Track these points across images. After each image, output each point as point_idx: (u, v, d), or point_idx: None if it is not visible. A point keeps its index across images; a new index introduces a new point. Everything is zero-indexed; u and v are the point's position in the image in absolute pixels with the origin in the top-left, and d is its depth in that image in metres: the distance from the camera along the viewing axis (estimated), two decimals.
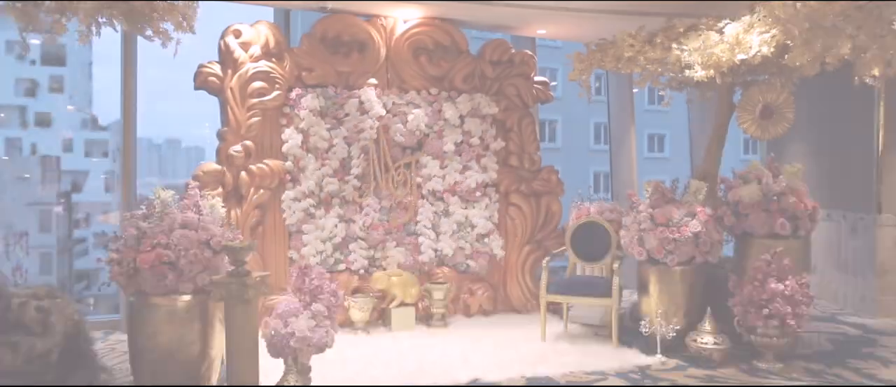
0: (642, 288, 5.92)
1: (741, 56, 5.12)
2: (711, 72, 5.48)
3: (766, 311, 5.23)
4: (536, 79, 7.29)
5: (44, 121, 30.73)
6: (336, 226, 6.41)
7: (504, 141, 7.05)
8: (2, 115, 30.38)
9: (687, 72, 5.52)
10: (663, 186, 5.92)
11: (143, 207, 4.54)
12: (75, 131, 31.29)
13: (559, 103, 25.65)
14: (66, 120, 31.40)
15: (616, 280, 5.84)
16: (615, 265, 5.87)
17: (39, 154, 29.21)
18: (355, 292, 6.44)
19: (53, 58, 30.94)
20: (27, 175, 26.59)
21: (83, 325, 4.49)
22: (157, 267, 4.13)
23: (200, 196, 4.92)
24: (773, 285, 5.22)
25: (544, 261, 6.16)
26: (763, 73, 6.23)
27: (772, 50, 5.22)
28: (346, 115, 6.52)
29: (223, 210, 5.03)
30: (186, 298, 4.26)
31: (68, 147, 30.41)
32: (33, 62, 30.59)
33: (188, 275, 4.21)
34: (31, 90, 30.45)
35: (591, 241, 6.39)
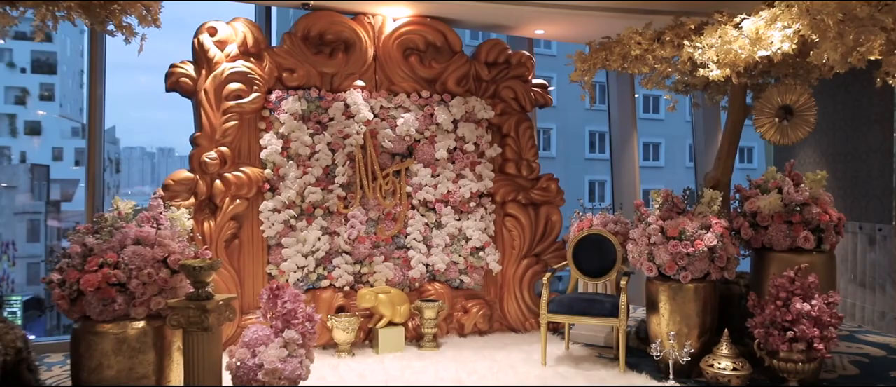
0: (651, 306, 5.36)
1: (763, 53, 4.59)
2: (727, 71, 4.95)
3: (790, 333, 4.68)
4: (535, 81, 6.76)
5: (34, 129, 30.06)
6: (319, 239, 5.85)
7: (500, 147, 6.51)
8: None
9: (701, 71, 4.99)
10: (674, 196, 5.38)
11: (96, 220, 3.97)
12: (66, 140, 30.61)
13: (554, 112, 25.25)
14: (56, 128, 30.74)
15: (624, 299, 5.28)
16: (623, 282, 5.32)
17: (29, 163, 28.53)
18: (339, 310, 5.87)
19: (44, 66, 30.33)
20: (15, 185, 25.91)
21: (26, 352, 3.91)
22: (103, 289, 3.56)
23: (164, 207, 4.36)
24: (798, 305, 4.68)
25: (545, 277, 5.60)
26: (778, 73, 5.73)
27: (794, 46, 4.70)
28: (331, 119, 5.97)
29: (189, 222, 4.47)
30: (138, 324, 3.70)
31: (58, 156, 29.73)
32: (24, 70, 29.96)
33: (141, 298, 3.64)
34: (22, 98, 29.79)
35: (595, 255, 5.84)
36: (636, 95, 6.85)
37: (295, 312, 3.71)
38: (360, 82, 6.08)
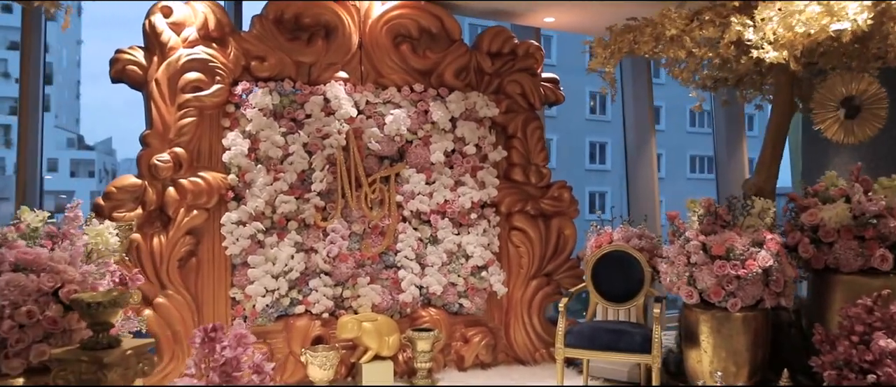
0: (689, 339, 4.34)
1: (838, 26, 3.58)
2: (785, 53, 3.95)
3: (871, 377, 3.65)
4: (545, 76, 5.75)
5: None
6: (292, 257, 4.81)
7: (506, 150, 5.48)
8: None
9: (755, 53, 3.98)
10: (717, 207, 4.36)
11: None
12: (61, 151, 29.54)
13: (553, 122, 24.22)
14: (51, 139, 29.69)
15: (657, 330, 4.25)
16: (656, 310, 4.28)
17: None
18: (316, 342, 4.83)
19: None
20: (6, 196, 24.81)
21: None
22: None
23: (84, 221, 3.35)
24: (881, 343, 3.65)
25: (561, 303, 4.56)
26: (831, 63, 4.73)
27: (869, 22, 3.71)
28: (308, 116, 4.96)
29: (115, 240, 3.44)
30: (17, 384, 2.64)
31: (53, 167, 28.64)
32: (18, 81, 28.91)
33: (15, 347, 2.60)
34: (16, 109, 28.72)
35: (618, 275, 4.81)
36: (674, 78, 5.80)
37: (237, 362, 2.69)
38: (342, 74, 5.07)
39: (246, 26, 5.05)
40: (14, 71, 28.64)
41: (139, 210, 4.54)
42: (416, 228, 5.19)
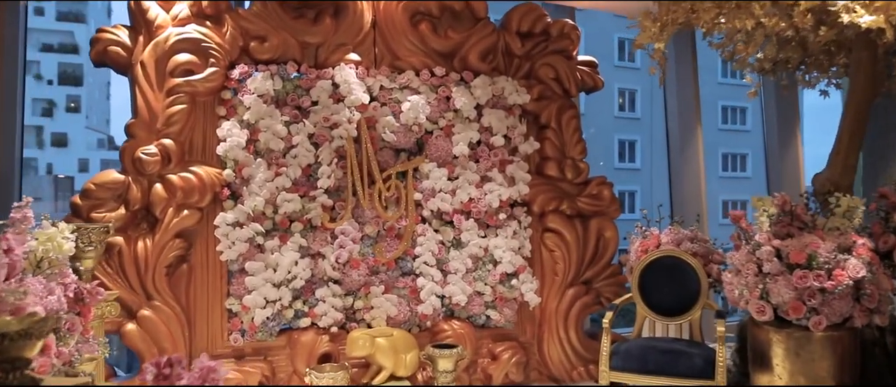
0: (760, 362, 3.59)
1: None
2: (881, 18, 3.18)
3: None
4: (581, 59, 5.03)
5: (60, 141, 28.98)
6: (296, 263, 4.17)
7: (538, 142, 4.78)
8: None
9: (846, 18, 3.23)
10: (794, 205, 3.61)
11: None
12: (92, 151, 29.49)
13: (582, 119, 23.25)
14: (82, 140, 29.67)
15: (721, 351, 3.52)
16: (720, 328, 3.54)
17: (54, 174, 27.42)
18: (324, 359, 4.18)
19: (71, 78, 29.34)
20: (39, 196, 24.77)
21: None
22: None
23: (36, 223, 2.74)
24: None
25: (605, 319, 3.85)
26: None
27: None
28: (314, 103, 4.32)
29: (69, 245, 2.81)
30: None
31: (84, 167, 28.56)
32: (51, 82, 28.99)
33: None
34: (49, 110, 28.77)
35: (670, 285, 4.09)
36: (728, 60, 5.03)
37: None
38: (353, 56, 4.42)
39: (245, 3, 4.43)
40: (46, 73, 28.69)
41: (122, 210, 3.95)
42: (437, 230, 4.51)
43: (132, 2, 4.11)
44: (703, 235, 4.53)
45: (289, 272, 4.15)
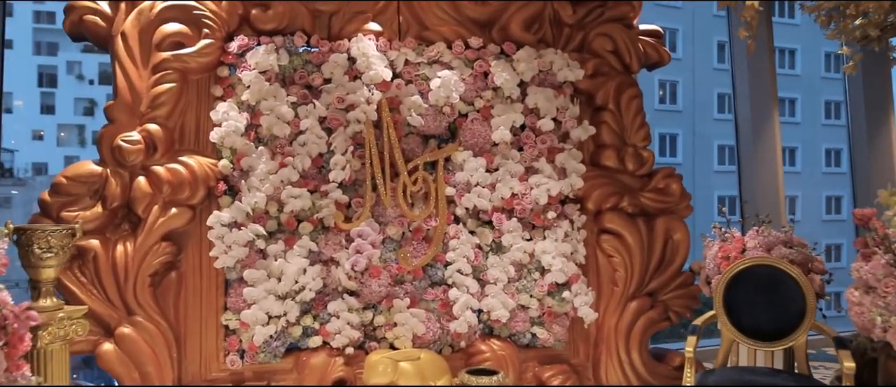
0: None
1: None
2: None
3: None
4: (643, 28, 4.19)
5: None
6: (305, 271, 3.43)
7: (593, 126, 3.95)
8: (62, 133, 28.98)
9: None
10: None
11: None
12: None
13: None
14: None
15: None
16: (848, 364, 2.68)
17: None
18: (338, 385, 3.45)
19: (111, 78, 29.38)
20: None
21: None
22: None
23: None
24: None
25: (688, 346, 3.01)
26: None
27: None
28: (326, 81, 3.58)
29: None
30: None
31: None
32: (92, 82, 29.13)
33: None
34: (90, 109, 28.89)
35: (764, 300, 3.24)
36: (833, 40, 4.14)
37: None
38: (373, 25, 3.66)
39: None
40: (87, 73, 28.82)
41: (98, 208, 3.27)
42: (472, 232, 3.73)
43: None
44: (799, 238, 3.66)
45: (296, 282, 3.42)
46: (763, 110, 5.41)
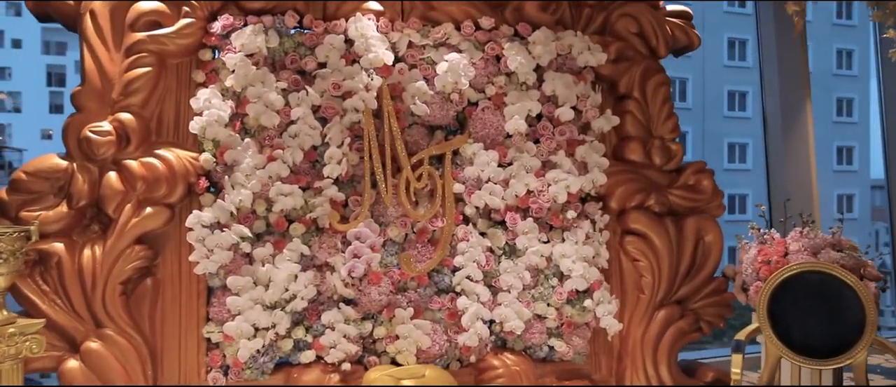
0: None
1: None
2: None
3: None
4: (670, 8, 3.77)
5: None
6: (296, 278, 3.03)
7: (617, 116, 3.54)
8: None
9: None
10: None
11: None
12: None
13: None
14: None
15: None
16: None
17: None
18: None
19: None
20: None
21: None
22: None
23: None
24: None
25: (734, 367, 2.60)
26: None
27: None
28: (321, 65, 3.18)
29: None
30: None
31: None
32: None
33: None
34: None
35: (817, 313, 2.82)
36: (879, 22, 3.72)
37: None
38: (373, 4, 3.25)
39: None
40: None
41: (63, 207, 2.89)
42: (483, 234, 3.31)
43: None
44: (849, 240, 3.23)
45: (286, 290, 3.02)
46: (794, 102, 4.97)
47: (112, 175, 2.92)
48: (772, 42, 5.06)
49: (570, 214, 3.34)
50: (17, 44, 30.32)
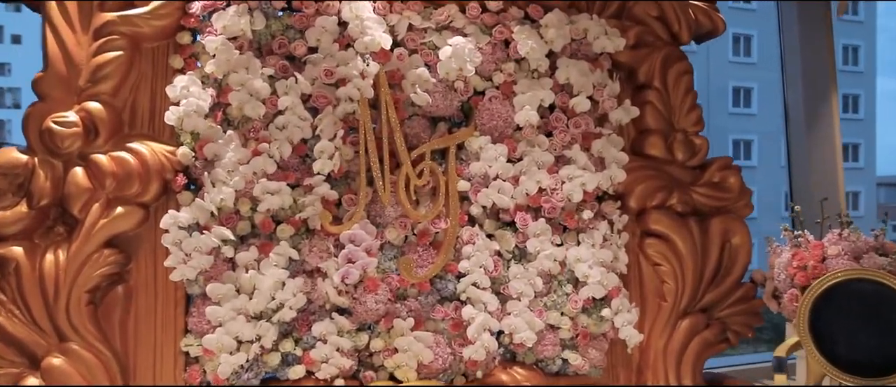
0: None
1: None
2: None
3: None
4: None
5: None
6: (284, 285, 2.72)
7: (636, 107, 3.21)
8: None
9: None
10: None
11: None
12: None
13: None
14: None
15: None
16: None
17: None
18: None
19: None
20: None
21: None
22: None
23: None
24: None
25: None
26: None
27: None
28: (311, 50, 2.86)
29: None
30: None
31: None
32: None
33: None
34: None
35: (865, 327, 2.50)
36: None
37: None
38: None
39: None
40: None
41: (22, 206, 2.57)
42: (491, 236, 2.99)
43: None
44: (894, 244, 2.91)
45: (272, 299, 2.70)
46: (819, 92, 4.65)
47: (78, 171, 2.61)
48: (793, 28, 4.75)
49: (587, 214, 3.02)
50: (16, 40, 30.08)
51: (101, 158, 2.62)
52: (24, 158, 2.60)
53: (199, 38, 2.80)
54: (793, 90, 4.82)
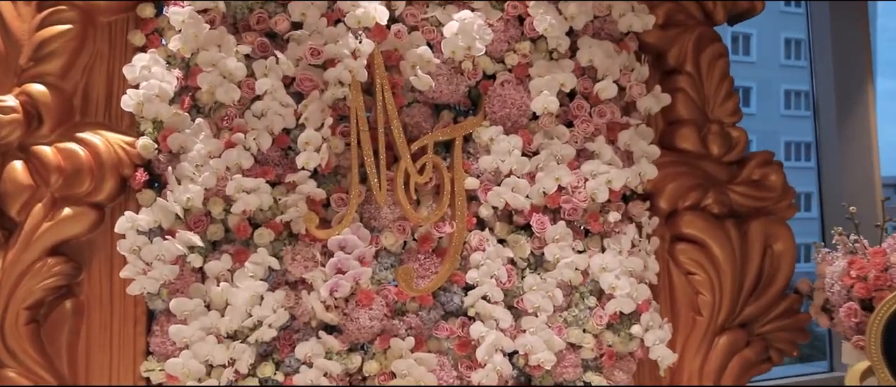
0: None
1: None
2: None
3: None
4: None
5: None
6: (262, 299, 2.30)
7: (667, 94, 2.81)
8: None
9: None
10: None
11: None
12: None
13: None
14: None
15: None
16: None
17: None
18: None
19: None
20: None
21: None
22: None
23: None
24: None
25: None
26: None
27: None
28: (296, 26, 2.44)
29: None
30: None
31: None
32: None
33: None
34: None
35: None
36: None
37: None
38: None
39: None
40: None
41: None
42: (503, 242, 2.58)
43: None
44: None
45: (248, 316, 2.28)
46: (853, 84, 4.24)
47: (17, 165, 2.20)
48: (824, 17, 4.34)
49: (613, 216, 2.61)
50: None
51: (46, 151, 2.21)
52: None
53: (163, 11, 2.38)
54: (822, 81, 4.42)
